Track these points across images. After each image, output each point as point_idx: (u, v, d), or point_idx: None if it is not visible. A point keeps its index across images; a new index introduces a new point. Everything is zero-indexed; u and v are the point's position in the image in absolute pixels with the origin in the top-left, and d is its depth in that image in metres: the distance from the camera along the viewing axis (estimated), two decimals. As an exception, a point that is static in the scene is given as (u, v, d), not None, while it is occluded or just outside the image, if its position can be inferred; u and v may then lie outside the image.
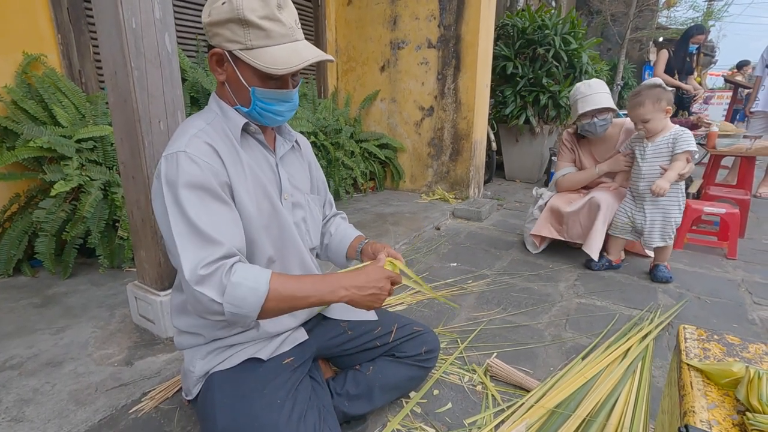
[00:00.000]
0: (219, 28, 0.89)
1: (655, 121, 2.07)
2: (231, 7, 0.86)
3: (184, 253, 0.84)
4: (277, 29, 0.89)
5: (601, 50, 9.37)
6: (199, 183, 0.88)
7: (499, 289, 2.15)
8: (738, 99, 6.33)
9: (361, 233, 1.28)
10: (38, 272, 2.09)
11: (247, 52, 0.89)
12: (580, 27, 4.36)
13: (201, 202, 0.87)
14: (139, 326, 1.63)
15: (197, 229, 0.85)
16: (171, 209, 0.86)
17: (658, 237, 2.19)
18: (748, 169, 3.17)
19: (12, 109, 2.02)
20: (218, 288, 0.83)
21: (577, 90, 2.35)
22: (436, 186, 3.90)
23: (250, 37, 0.88)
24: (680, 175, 2.06)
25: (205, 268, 0.83)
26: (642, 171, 2.17)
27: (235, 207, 0.94)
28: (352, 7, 3.90)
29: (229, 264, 0.86)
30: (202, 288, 0.82)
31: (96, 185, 1.94)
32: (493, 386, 1.39)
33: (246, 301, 0.84)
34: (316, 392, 1.08)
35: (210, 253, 0.84)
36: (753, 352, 0.77)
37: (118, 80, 1.35)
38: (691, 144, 2.04)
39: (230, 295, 0.83)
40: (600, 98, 2.26)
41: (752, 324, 1.82)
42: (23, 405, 1.21)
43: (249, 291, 0.84)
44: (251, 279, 0.85)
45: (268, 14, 0.88)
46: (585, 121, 2.34)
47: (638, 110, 2.08)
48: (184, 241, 0.85)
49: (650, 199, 2.17)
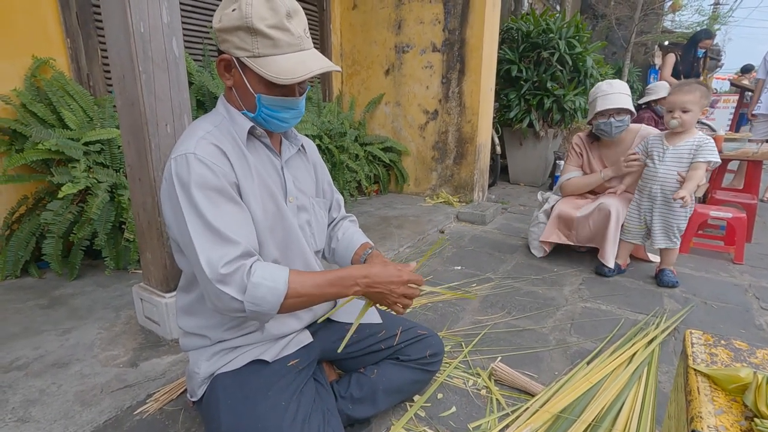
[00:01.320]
0: (228, 34, 0.90)
1: (693, 114, 2.00)
2: (240, 15, 0.87)
3: (203, 252, 0.86)
4: (285, 39, 0.90)
5: (606, 54, 9.35)
6: (211, 184, 0.89)
7: (503, 292, 2.14)
8: (744, 103, 6.30)
9: (368, 240, 1.28)
10: (45, 274, 2.11)
11: (254, 60, 0.90)
12: (584, 31, 4.36)
13: (214, 203, 0.89)
14: (145, 328, 1.63)
15: (214, 228, 0.87)
16: (186, 210, 0.88)
17: (663, 237, 2.17)
18: (754, 173, 3.15)
19: (21, 112, 2.04)
20: (240, 287, 0.86)
21: (598, 88, 2.32)
22: (441, 189, 3.90)
23: (258, 46, 0.89)
24: (698, 185, 2.03)
25: (226, 267, 0.86)
26: (658, 173, 2.13)
27: (245, 206, 0.95)
28: (357, 11, 3.92)
29: (249, 264, 0.88)
30: (223, 287, 0.86)
31: (103, 187, 1.96)
32: (497, 390, 1.38)
33: (266, 300, 0.88)
34: (321, 395, 1.08)
35: (228, 251, 0.87)
36: (761, 357, 0.76)
37: (126, 84, 1.36)
38: (715, 154, 2.01)
39: (251, 295, 0.86)
40: (621, 98, 2.24)
41: (759, 329, 1.81)
42: (29, 405, 1.22)
43: (268, 290, 0.87)
44: (270, 278, 0.88)
45: (277, 23, 0.88)
46: (601, 120, 2.30)
47: (685, 96, 1.98)
48: (202, 241, 0.87)
49: (662, 201, 2.15)
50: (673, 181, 2.09)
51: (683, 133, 2.07)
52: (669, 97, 2.07)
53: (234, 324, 1.02)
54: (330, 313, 1.18)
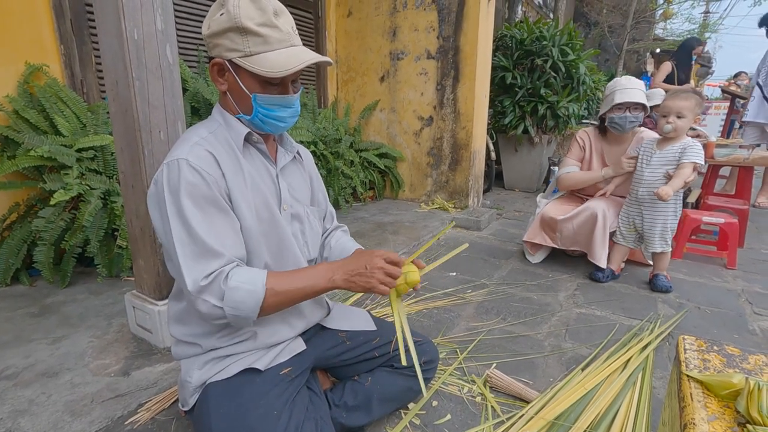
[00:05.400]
0: (218, 38, 0.91)
1: (687, 121, 2.04)
2: (229, 17, 0.88)
3: (186, 264, 0.87)
4: (275, 35, 0.91)
5: (599, 61, 9.46)
6: (201, 192, 0.89)
7: (498, 298, 2.14)
8: (735, 109, 6.38)
9: (360, 246, 1.27)
10: (36, 281, 2.09)
11: (247, 59, 0.91)
12: (577, 38, 4.41)
13: (202, 211, 0.89)
14: (137, 336, 1.62)
15: (198, 238, 0.87)
16: (173, 217, 0.88)
17: (658, 241, 2.19)
18: (746, 178, 3.18)
19: (14, 119, 2.03)
20: (218, 294, 0.88)
21: (616, 82, 2.34)
22: (436, 195, 3.91)
23: (249, 44, 0.90)
24: (685, 182, 2.05)
25: (206, 279, 0.87)
26: (644, 176, 2.17)
27: (234, 215, 0.95)
28: (352, 18, 3.94)
29: (226, 270, 0.89)
30: (203, 295, 0.88)
31: (96, 194, 1.95)
32: (492, 397, 1.38)
33: (245, 303, 0.88)
34: (314, 403, 1.07)
35: (210, 264, 0.88)
36: (753, 363, 0.76)
37: (120, 90, 1.36)
38: (700, 156, 2.04)
39: (230, 299, 0.87)
40: (639, 94, 2.26)
41: (753, 334, 1.82)
42: (18, 416, 1.20)
43: (247, 294, 0.88)
44: (248, 282, 0.89)
45: (266, 21, 0.90)
46: (617, 114, 2.30)
47: (682, 102, 2.03)
48: (186, 251, 0.88)
49: (648, 204, 2.17)
50: (658, 183, 2.11)
51: (673, 139, 2.10)
52: (666, 102, 2.09)
53: (226, 332, 1.01)
54: (323, 318, 1.18)
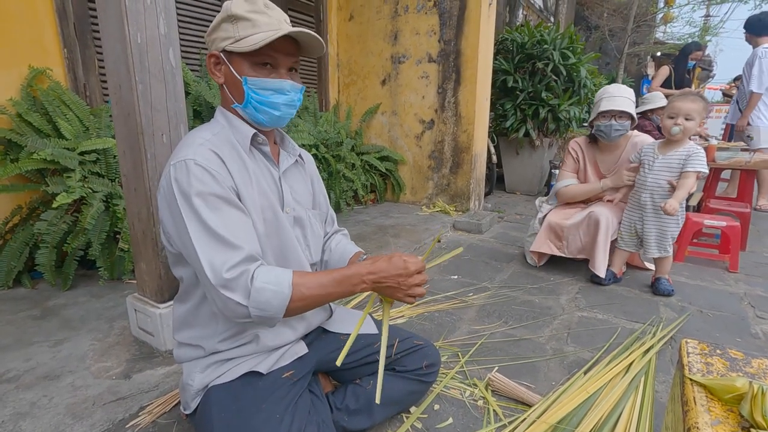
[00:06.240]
0: (215, 32, 0.97)
1: (693, 123, 2.02)
2: (223, 11, 0.95)
3: (205, 257, 0.87)
4: (263, 19, 0.94)
5: (600, 65, 9.48)
6: (211, 189, 0.89)
7: (500, 302, 2.14)
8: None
9: (360, 249, 1.27)
10: (38, 284, 2.09)
11: (236, 43, 0.94)
12: (578, 42, 4.42)
13: (215, 207, 0.89)
14: (138, 339, 1.62)
15: (215, 233, 0.87)
16: (187, 216, 0.88)
17: (656, 247, 2.19)
18: (748, 182, 3.18)
19: (17, 122, 2.04)
20: (244, 292, 0.87)
21: (604, 90, 2.35)
22: (437, 198, 3.91)
23: (239, 29, 0.94)
24: (688, 193, 2.04)
25: (230, 272, 0.86)
26: (647, 181, 2.16)
27: (247, 211, 0.96)
28: (353, 22, 3.96)
29: (252, 269, 0.88)
30: (227, 292, 0.86)
31: (98, 197, 1.95)
32: (494, 401, 1.37)
33: (271, 304, 0.88)
34: (316, 407, 1.07)
35: (231, 256, 0.87)
36: (756, 367, 0.76)
37: (123, 94, 1.37)
38: (704, 165, 2.03)
39: (255, 300, 0.87)
40: (625, 102, 2.26)
41: (755, 338, 1.81)
42: (19, 419, 1.20)
43: (273, 294, 0.88)
44: (274, 282, 0.88)
45: (255, 9, 0.95)
46: (603, 122, 2.31)
47: (691, 104, 2.01)
48: (204, 246, 0.87)
49: (651, 210, 2.17)
50: (661, 189, 2.10)
51: (676, 142, 2.09)
52: (675, 103, 2.06)
53: (229, 335, 1.01)
54: (324, 321, 1.17)
